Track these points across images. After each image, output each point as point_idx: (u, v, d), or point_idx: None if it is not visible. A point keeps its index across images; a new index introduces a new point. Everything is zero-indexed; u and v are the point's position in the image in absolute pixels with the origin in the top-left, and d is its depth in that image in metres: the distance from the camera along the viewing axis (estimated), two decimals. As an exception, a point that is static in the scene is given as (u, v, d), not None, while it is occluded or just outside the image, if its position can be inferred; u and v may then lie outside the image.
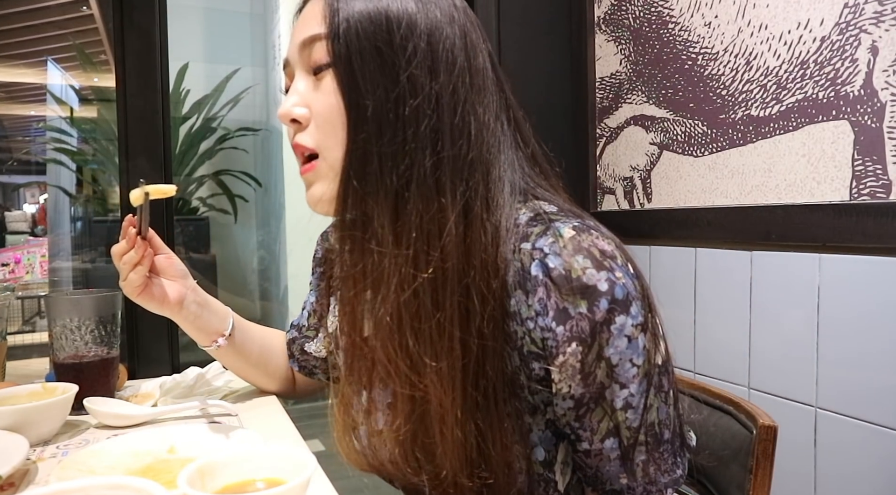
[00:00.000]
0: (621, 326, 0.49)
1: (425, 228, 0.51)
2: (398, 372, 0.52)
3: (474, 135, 0.53)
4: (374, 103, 0.52)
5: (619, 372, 0.50)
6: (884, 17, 0.89)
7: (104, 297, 0.89)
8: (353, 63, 0.53)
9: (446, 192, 0.52)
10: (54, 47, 3.52)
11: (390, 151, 0.52)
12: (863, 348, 0.91)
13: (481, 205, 0.53)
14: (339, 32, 0.53)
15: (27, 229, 4.08)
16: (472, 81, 0.55)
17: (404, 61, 0.52)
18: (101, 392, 0.88)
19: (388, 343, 0.52)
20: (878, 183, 0.90)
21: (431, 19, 0.54)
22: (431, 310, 0.51)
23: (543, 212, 0.54)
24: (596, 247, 0.50)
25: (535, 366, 0.52)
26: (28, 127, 4.38)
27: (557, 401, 0.52)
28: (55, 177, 3.54)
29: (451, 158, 0.52)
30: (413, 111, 0.52)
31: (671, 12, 1.25)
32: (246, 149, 3.47)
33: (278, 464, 0.54)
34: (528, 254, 0.51)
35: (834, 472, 0.96)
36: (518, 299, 0.51)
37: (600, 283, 0.49)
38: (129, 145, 1.15)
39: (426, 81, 0.52)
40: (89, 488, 0.47)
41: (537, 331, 0.51)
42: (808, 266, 0.99)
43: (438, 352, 0.51)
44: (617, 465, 0.53)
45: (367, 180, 0.52)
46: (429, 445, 0.53)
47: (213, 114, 3.37)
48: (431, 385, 0.51)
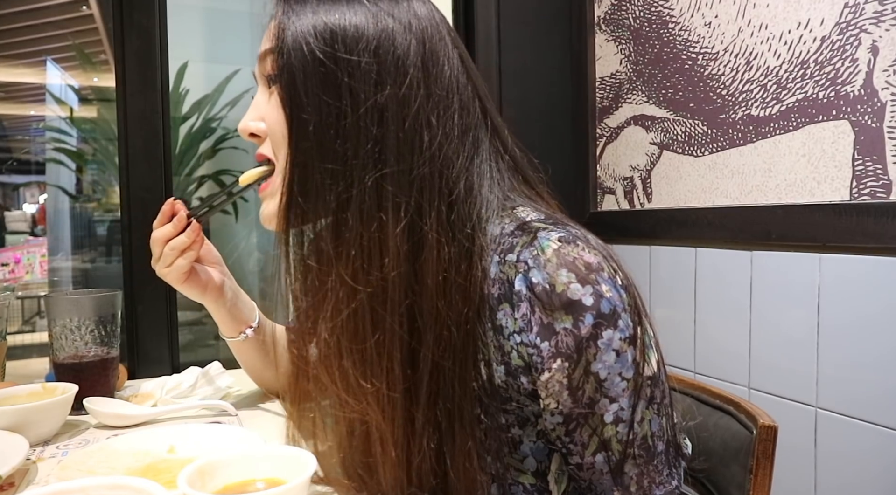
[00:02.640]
0: (609, 341, 0.48)
1: (366, 247, 0.50)
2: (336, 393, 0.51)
3: (427, 149, 0.52)
4: (314, 117, 0.51)
5: (608, 386, 0.49)
6: (884, 16, 0.89)
7: (104, 297, 0.89)
8: (294, 77, 0.52)
9: (388, 210, 0.50)
10: (54, 47, 3.52)
11: (331, 167, 0.51)
12: (863, 348, 0.91)
13: (435, 223, 0.51)
14: (283, 46, 0.52)
15: (27, 229, 4.08)
16: (428, 92, 0.52)
17: (346, 74, 0.51)
18: (101, 392, 0.88)
19: (327, 363, 0.51)
20: (878, 183, 0.90)
21: (381, 29, 0.52)
22: (370, 330, 0.50)
23: (528, 222, 0.53)
24: (581, 259, 0.49)
25: (522, 381, 0.51)
26: (28, 127, 4.38)
27: (546, 416, 0.51)
28: (55, 177, 3.54)
29: (396, 174, 0.50)
30: (354, 125, 0.50)
31: (671, 12, 1.25)
32: (246, 149, 3.47)
33: (278, 464, 0.54)
34: (512, 266, 0.50)
35: (834, 472, 0.96)
36: (504, 312, 0.50)
37: (585, 298, 0.48)
38: (129, 145, 1.15)
39: (370, 94, 0.51)
40: (89, 488, 0.47)
41: (522, 347, 0.50)
42: (808, 266, 0.99)
43: (376, 373, 0.50)
44: (609, 479, 0.52)
45: (308, 196, 0.52)
46: (369, 464, 0.53)
47: (213, 114, 3.38)
48: (369, 407, 0.50)
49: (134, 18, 1.15)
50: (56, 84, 3.57)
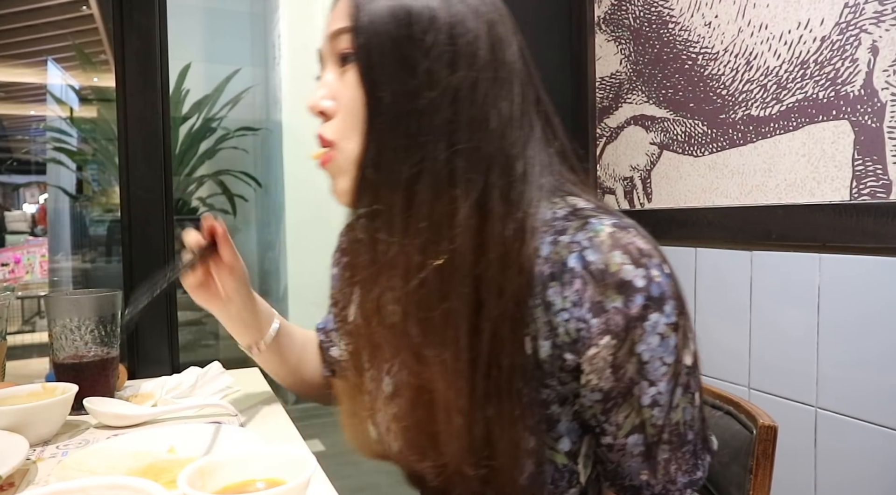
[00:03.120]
0: (654, 324, 0.50)
1: (435, 219, 0.52)
2: (403, 361, 0.53)
3: (494, 130, 0.54)
4: (390, 95, 0.53)
5: (649, 369, 0.51)
6: (884, 16, 0.89)
7: (104, 297, 0.89)
8: (372, 56, 0.53)
9: (459, 184, 0.52)
10: (54, 47, 3.52)
11: (404, 143, 0.52)
12: (863, 348, 0.91)
13: (500, 200, 0.53)
14: (360, 26, 0.54)
15: (27, 229, 4.08)
16: (495, 75, 0.55)
17: (422, 55, 0.52)
18: (101, 392, 0.87)
19: (395, 332, 0.53)
20: (878, 183, 0.90)
21: (454, 13, 0.54)
22: (438, 300, 0.51)
23: (580, 209, 0.54)
24: (634, 244, 0.51)
25: (567, 357, 0.52)
26: (28, 127, 4.38)
27: (585, 393, 0.53)
28: (55, 177, 3.54)
29: (466, 151, 0.52)
30: (429, 103, 0.52)
31: (671, 12, 1.25)
32: (246, 149, 3.47)
33: (278, 464, 0.54)
34: (565, 246, 0.52)
35: (834, 472, 0.96)
36: (554, 290, 0.52)
37: (637, 280, 0.49)
38: (129, 145, 1.15)
39: (444, 75, 0.52)
40: (89, 488, 0.47)
41: (571, 323, 0.51)
42: (808, 266, 0.99)
43: (444, 342, 0.51)
44: (639, 461, 0.53)
45: (380, 171, 0.53)
46: (432, 433, 0.53)
47: (213, 114, 3.38)
48: (436, 375, 0.52)
49: (134, 18, 1.15)
50: (56, 84, 3.57)
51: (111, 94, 1.25)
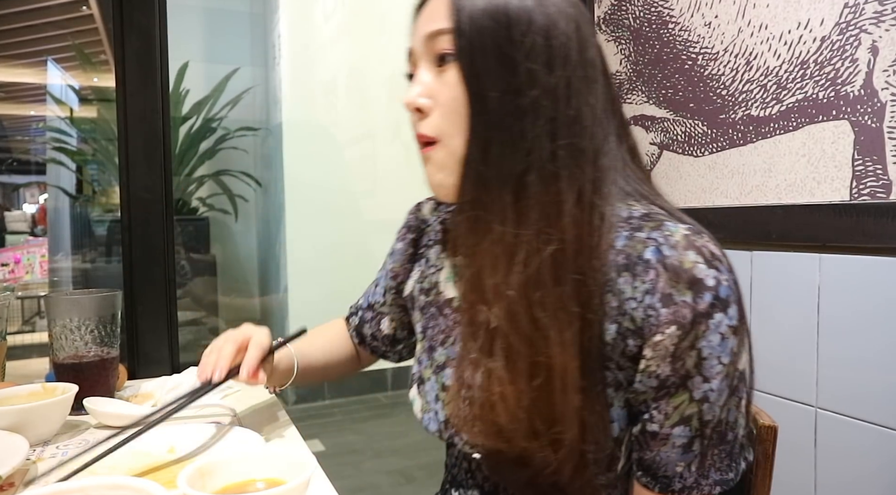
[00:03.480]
0: (718, 323, 0.52)
1: (545, 210, 0.55)
2: (526, 341, 0.55)
3: (587, 127, 0.57)
4: (496, 94, 0.56)
5: (706, 365, 0.53)
6: (884, 17, 0.89)
7: (104, 297, 0.89)
8: (475, 57, 0.56)
9: (562, 178, 0.55)
10: (54, 47, 3.52)
11: (510, 139, 0.56)
12: (863, 348, 0.91)
13: (593, 192, 0.56)
14: (462, 28, 0.57)
15: (27, 229, 4.08)
16: (584, 74, 0.58)
17: (523, 56, 0.55)
18: (101, 392, 0.88)
19: (515, 314, 0.55)
20: (878, 183, 0.90)
21: (548, 15, 0.57)
22: (552, 284, 0.54)
23: (655, 213, 0.58)
24: (707, 247, 0.54)
25: (629, 342, 0.55)
26: (28, 127, 4.38)
27: (642, 378, 0.55)
28: (55, 177, 3.54)
29: (566, 147, 0.56)
30: (532, 102, 0.55)
31: (671, 12, 1.25)
32: (246, 149, 3.47)
33: (278, 464, 0.54)
34: (641, 241, 0.55)
35: (834, 472, 0.96)
36: (624, 280, 0.55)
37: (708, 279, 0.52)
38: (129, 145, 1.15)
39: (543, 74, 0.55)
40: (89, 488, 0.47)
41: (639, 310, 0.54)
42: (808, 266, 0.99)
43: (561, 323, 0.54)
44: (679, 453, 0.55)
45: (489, 165, 0.56)
46: (549, 412, 0.55)
47: (213, 114, 3.38)
48: (556, 353, 0.54)
49: (134, 18, 1.15)
50: (56, 84, 3.57)
51: (111, 94, 1.25)
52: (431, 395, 0.68)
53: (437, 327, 0.71)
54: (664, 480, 0.57)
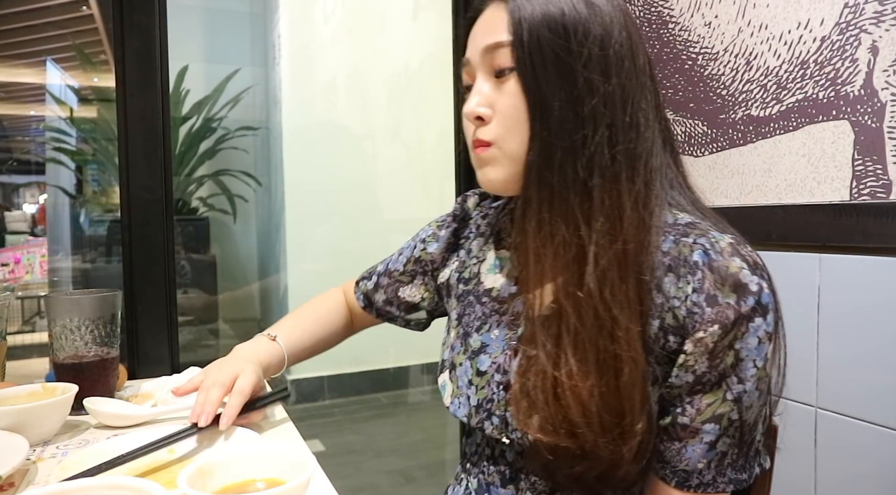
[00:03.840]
0: (756, 327, 0.55)
1: (609, 213, 0.58)
2: (596, 337, 0.57)
3: (641, 131, 0.59)
4: (557, 103, 0.58)
5: (742, 366, 0.55)
6: (884, 16, 0.89)
7: (104, 297, 0.89)
8: (535, 68, 0.59)
9: (622, 182, 0.58)
10: (54, 47, 3.52)
11: (571, 145, 0.58)
12: (863, 348, 0.91)
13: (647, 193, 0.59)
14: (522, 40, 0.59)
15: (27, 229, 4.08)
16: (637, 80, 0.60)
17: (581, 66, 0.58)
18: (101, 392, 0.88)
19: (585, 311, 0.57)
20: (878, 183, 0.90)
21: (603, 25, 0.59)
22: (619, 282, 0.57)
23: (699, 223, 0.60)
24: (752, 256, 0.57)
25: (669, 338, 0.57)
26: (27, 127, 4.38)
27: (679, 373, 0.57)
28: (54, 177, 3.54)
29: (624, 152, 0.58)
30: (591, 110, 0.58)
31: (671, 12, 1.25)
32: (246, 149, 3.47)
33: (278, 464, 0.54)
34: (688, 245, 0.57)
35: (834, 472, 0.96)
36: (669, 279, 0.57)
37: (751, 284, 0.55)
38: (129, 145, 1.15)
39: (601, 83, 0.58)
40: (89, 488, 0.47)
41: (683, 309, 0.56)
42: (808, 266, 0.99)
43: (629, 318, 0.56)
44: (704, 450, 0.57)
45: (553, 171, 0.59)
46: (618, 405, 0.57)
47: (213, 114, 3.38)
48: (625, 348, 0.56)
49: (134, 18, 1.15)
50: (56, 84, 3.57)
51: (111, 94, 1.25)
52: (464, 380, 0.69)
53: (473, 314, 0.73)
54: (683, 474, 0.58)
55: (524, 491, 0.66)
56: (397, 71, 3.15)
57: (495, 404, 0.66)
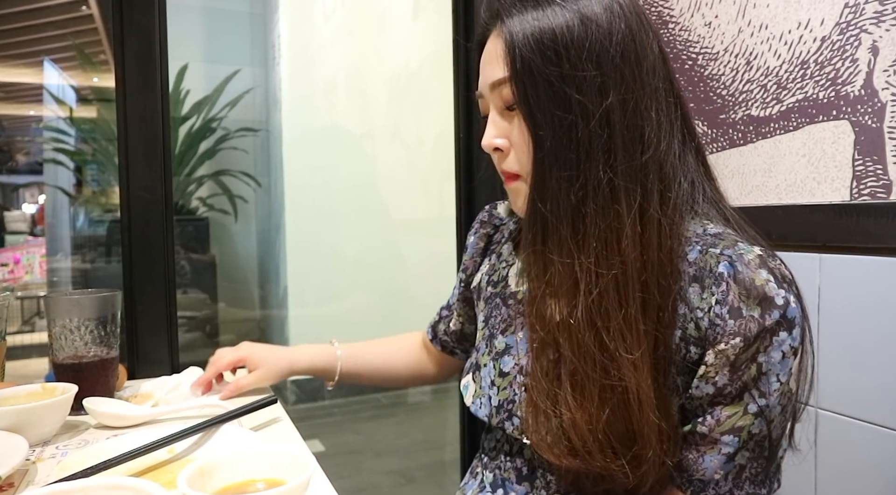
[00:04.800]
0: (781, 342, 0.53)
1: (603, 237, 0.56)
2: (594, 367, 0.56)
3: (647, 138, 0.57)
4: (550, 132, 0.57)
5: (764, 380, 0.54)
6: (884, 16, 0.89)
7: (104, 297, 0.89)
8: (530, 101, 0.58)
9: (621, 200, 0.56)
10: (53, 47, 3.52)
11: (566, 173, 0.57)
12: (863, 348, 0.91)
13: (657, 203, 0.57)
14: (517, 74, 0.58)
15: (26, 229, 4.07)
16: (643, 85, 0.57)
17: (574, 90, 0.56)
18: (101, 392, 0.87)
19: (579, 342, 0.56)
20: (878, 183, 0.90)
21: (598, 38, 0.56)
22: (617, 307, 0.55)
23: (729, 233, 0.59)
24: (780, 269, 0.56)
25: (691, 349, 0.56)
26: (27, 127, 4.38)
27: (699, 384, 0.56)
28: (53, 177, 3.53)
29: (624, 168, 0.56)
30: (585, 133, 0.56)
31: (671, 12, 1.25)
32: (246, 149, 3.47)
33: (278, 464, 0.54)
34: (714, 256, 0.56)
35: (834, 473, 0.96)
36: (693, 290, 0.56)
37: (777, 298, 0.53)
38: (129, 145, 1.15)
39: (596, 103, 0.56)
40: (89, 488, 0.47)
41: (705, 320, 0.55)
42: (808, 266, 0.99)
43: (629, 344, 0.55)
44: (722, 461, 0.56)
45: (545, 202, 0.58)
46: (626, 431, 0.56)
47: (213, 114, 3.38)
48: (628, 375, 0.55)
49: (134, 18, 1.15)
50: (54, 84, 3.57)
51: (110, 94, 1.25)
52: (487, 381, 0.69)
53: (499, 316, 0.73)
54: (699, 484, 0.57)
55: (539, 489, 0.66)
56: (397, 71, 3.15)
57: (517, 405, 0.65)
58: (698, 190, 0.62)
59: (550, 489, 0.66)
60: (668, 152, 0.59)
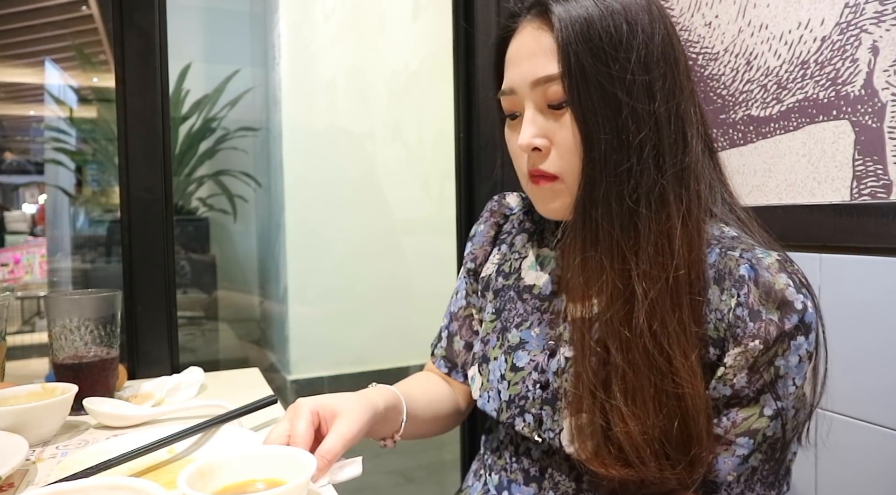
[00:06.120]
0: (798, 346, 0.54)
1: (655, 240, 0.56)
2: (649, 374, 0.55)
3: (689, 141, 0.58)
4: (603, 135, 0.56)
5: (781, 384, 0.54)
6: (884, 16, 0.89)
7: (104, 297, 0.89)
8: (583, 101, 0.57)
9: (671, 203, 0.56)
10: (53, 47, 3.52)
11: (617, 178, 0.56)
12: (863, 348, 0.91)
13: (698, 204, 0.58)
14: (571, 72, 0.57)
15: (26, 229, 4.07)
16: (681, 88, 0.58)
17: (625, 93, 0.56)
18: (101, 392, 0.87)
19: (633, 351, 0.55)
20: (878, 183, 0.90)
21: (643, 39, 0.56)
22: (671, 311, 0.55)
23: (746, 237, 0.59)
24: (798, 274, 0.56)
25: (709, 350, 0.56)
26: (27, 127, 4.38)
27: (717, 386, 0.56)
28: (54, 177, 3.54)
29: (672, 171, 0.57)
30: (636, 137, 0.56)
31: (671, 12, 1.25)
32: (246, 149, 3.47)
33: (278, 464, 0.54)
34: (734, 259, 0.56)
35: (835, 473, 0.96)
36: (712, 291, 0.56)
37: (797, 302, 0.54)
38: (129, 145, 1.15)
39: (645, 106, 0.56)
40: (89, 488, 0.47)
41: (724, 322, 0.55)
42: (809, 266, 0.99)
43: (686, 347, 0.55)
44: (736, 463, 0.56)
45: (596, 205, 0.57)
46: (684, 437, 0.55)
47: (213, 114, 3.38)
48: (686, 380, 0.54)
49: (134, 19, 1.15)
50: (55, 84, 3.57)
51: (111, 94, 1.25)
52: (496, 374, 0.68)
53: (514, 310, 0.71)
54: (711, 485, 0.57)
55: (547, 490, 0.66)
56: (397, 71, 3.15)
57: (530, 402, 0.65)
58: (717, 192, 0.62)
59: (559, 490, 0.65)
60: (701, 157, 0.60)
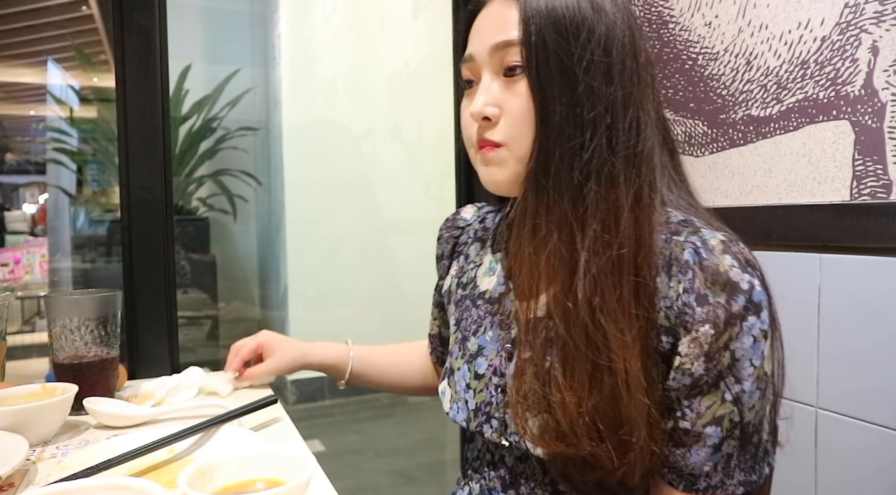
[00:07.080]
0: (751, 326, 0.54)
1: (604, 217, 0.56)
2: (586, 347, 0.56)
3: (642, 130, 0.59)
4: (559, 107, 0.57)
5: (738, 366, 0.54)
6: (884, 16, 0.89)
7: (104, 297, 0.89)
8: (541, 70, 0.58)
9: (620, 185, 0.57)
10: (54, 47, 3.52)
11: (570, 150, 0.57)
12: (863, 348, 0.91)
13: (650, 192, 0.58)
14: (531, 40, 0.58)
15: (27, 229, 4.08)
16: (639, 79, 0.59)
17: (583, 71, 0.57)
18: (101, 392, 0.87)
19: (573, 322, 0.56)
20: (878, 183, 0.90)
21: (606, 26, 0.58)
22: (612, 288, 0.55)
23: (692, 220, 0.59)
24: (742, 254, 0.56)
25: (662, 339, 0.56)
26: (28, 127, 4.38)
27: (676, 376, 0.56)
28: (54, 177, 3.54)
29: (624, 154, 0.57)
30: (590, 115, 0.57)
31: (671, 12, 1.25)
32: (246, 149, 3.47)
33: (278, 464, 0.54)
34: (679, 244, 0.57)
35: (834, 473, 0.96)
36: (661, 279, 0.56)
37: (742, 283, 0.54)
38: (129, 145, 1.15)
39: (602, 87, 0.57)
40: (89, 488, 0.47)
41: (674, 309, 0.55)
42: (808, 266, 0.99)
43: (623, 326, 0.55)
44: (709, 453, 0.56)
45: (548, 177, 0.58)
46: (614, 415, 0.56)
47: (213, 114, 3.38)
48: (619, 355, 0.55)
49: (134, 18, 1.15)
50: (56, 84, 3.57)
51: (111, 94, 1.25)
52: (462, 385, 0.69)
53: (469, 318, 0.72)
54: (690, 478, 0.57)
55: None
56: (397, 71, 3.15)
57: (494, 407, 0.65)
58: (670, 183, 0.63)
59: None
60: (655, 144, 0.60)
